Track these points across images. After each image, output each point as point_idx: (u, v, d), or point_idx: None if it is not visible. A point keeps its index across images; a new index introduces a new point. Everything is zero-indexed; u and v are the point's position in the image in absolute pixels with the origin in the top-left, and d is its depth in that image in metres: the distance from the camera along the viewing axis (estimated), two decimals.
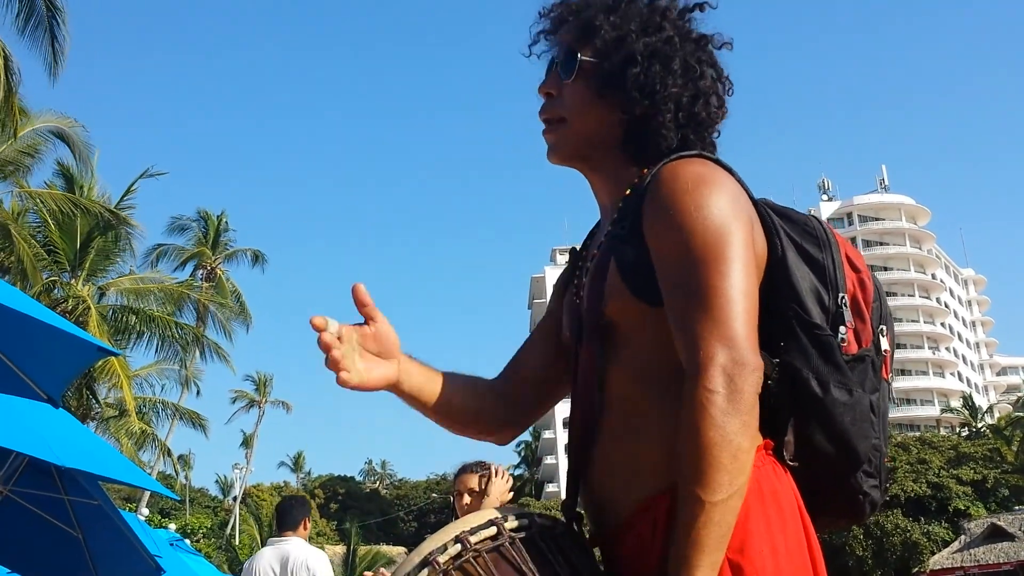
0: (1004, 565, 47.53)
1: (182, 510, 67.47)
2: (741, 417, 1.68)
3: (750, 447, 1.70)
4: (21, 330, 5.17)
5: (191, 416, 35.89)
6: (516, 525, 1.82)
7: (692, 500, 1.66)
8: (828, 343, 1.89)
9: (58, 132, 24.51)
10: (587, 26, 2.08)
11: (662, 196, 1.88)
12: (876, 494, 1.97)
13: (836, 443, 1.88)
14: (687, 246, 1.80)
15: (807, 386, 1.86)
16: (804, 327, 1.89)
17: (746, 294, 1.78)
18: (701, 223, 1.81)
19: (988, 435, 65.36)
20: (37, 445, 4.82)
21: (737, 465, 1.67)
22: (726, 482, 1.65)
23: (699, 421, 1.67)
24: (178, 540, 10.62)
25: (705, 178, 1.88)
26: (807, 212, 2.05)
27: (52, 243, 25.18)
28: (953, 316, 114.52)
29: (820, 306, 1.93)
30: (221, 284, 43.47)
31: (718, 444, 1.66)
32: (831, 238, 2.00)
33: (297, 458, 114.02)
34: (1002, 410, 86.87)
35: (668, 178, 1.90)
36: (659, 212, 1.87)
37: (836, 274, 1.96)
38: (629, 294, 1.91)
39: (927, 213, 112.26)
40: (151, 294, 28.44)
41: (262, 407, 69.27)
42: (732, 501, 1.67)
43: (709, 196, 1.84)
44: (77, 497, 6.15)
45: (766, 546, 1.75)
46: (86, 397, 26.37)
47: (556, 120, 2.12)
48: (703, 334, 1.73)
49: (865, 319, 1.98)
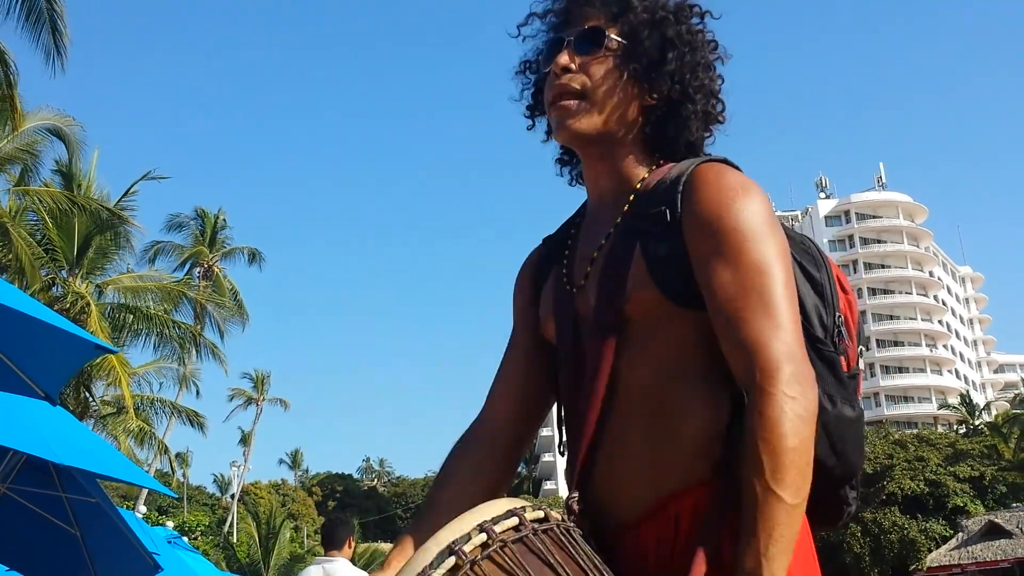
0: (1002, 562, 47.57)
1: (180, 508, 67.48)
2: (812, 426, 1.71)
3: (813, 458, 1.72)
4: (18, 328, 5.16)
5: (189, 414, 35.88)
6: (537, 516, 1.76)
7: (776, 502, 1.65)
8: (833, 359, 1.92)
9: (55, 130, 24.42)
10: (616, 6, 2.04)
11: (709, 199, 1.87)
12: (855, 506, 2.02)
13: (838, 456, 1.90)
14: (742, 252, 1.81)
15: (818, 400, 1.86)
16: (811, 342, 1.89)
17: (795, 304, 1.81)
18: (754, 230, 1.82)
19: (986, 432, 65.41)
20: (35, 443, 4.81)
21: (809, 472, 1.69)
22: (803, 486, 1.68)
23: (782, 424, 1.67)
24: (176, 538, 10.58)
25: (749, 185, 1.89)
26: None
27: (50, 241, 25.13)
28: (951, 314, 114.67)
29: (821, 324, 1.95)
30: (219, 282, 43.47)
31: (798, 449, 1.67)
32: (825, 259, 2.03)
33: (295, 456, 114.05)
34: (999, 407, 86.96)
35: (712, 180, 1.89)
36: (707, 215, 1.85)
37: (833, 293, 1.99)
38: (656, 290, 1.88)
39: (925, 211, 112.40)
40: (148, 292, 28.40)
41: (260, 405, 69.33)
42: (803, 507, 1.69)
43: (758, 204, 1.86)
44: (75, 495, 6.14)
45: (799, 553, 1.76)
46: (84, 395, 26.36)
47: (574, 93, 2.03)
48: (768, 339, 1.74)
49: (854, 339, 2.02)
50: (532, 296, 2.24)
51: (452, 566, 1.64)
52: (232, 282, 44.79)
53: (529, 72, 2.22)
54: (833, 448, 1.89)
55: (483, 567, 1.65)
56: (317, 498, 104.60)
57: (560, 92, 2.04)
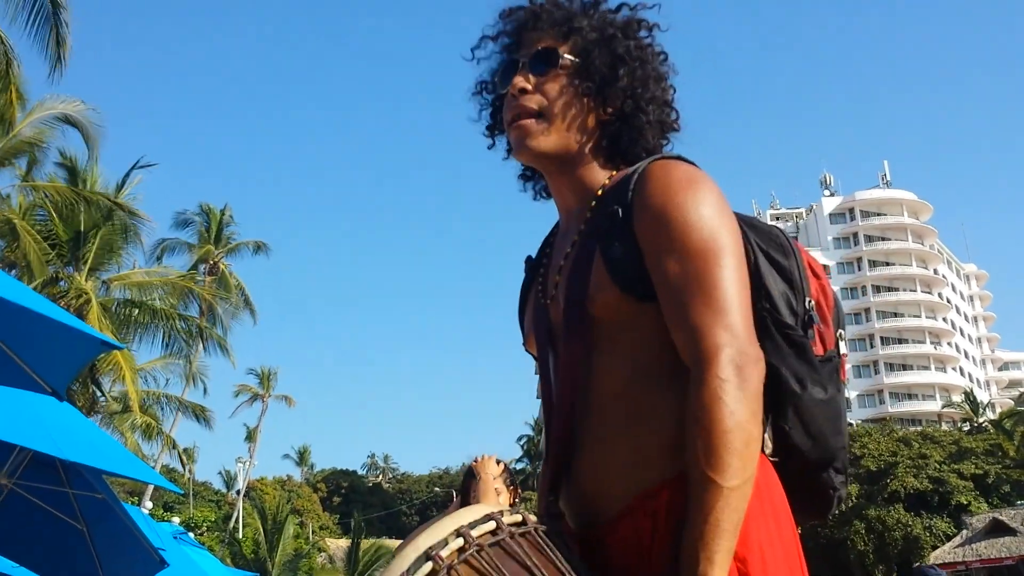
0: (1006, 560, 47.48)
1: (186, 504, 67.54)
2: (751, 405, 1.73)
3: (759, 436, 1.74)
4: (25, 324, 5.18)
5: (195, 409, 35.87)
6: (515, 520, 1.79)
7: (709, 486, 1.69)
8: (802, 343, 1.94)
9: (66, 118, 23.98)
10: (566, 26, 2.09)
11: (656, 193, 1.91)
12: (843, 491, 2.05)
13: (813, 439, 1.94)
14: (686, 241, 1.85)
15: (786, 383, 1.91)
16: (778, 327, 1.93)
17: (743, 288, 1.84)
18: (698, 219, 1.86)
19: (990, 430, 65.29)
20: (41, 439, 4.84)
21: (749, 452, 1.71)
22: (740, 468, 1.69)
23: (713, 408, 1.71)
24: (182, 533, 10.61)
25: (696, 177, 1.93)
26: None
27: (56, 236, 25.08)
28: (955, 311, 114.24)
29: (790, 309, 1.98)
30: (225, 279, 43.48)
31: (732, 431, 1.70)
32: (794, 247, 2.06)
33: (302, 452, 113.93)
34: (1004, 405, 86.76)
35: (660, 175, 1.94)
36: (654, 208, 1.90)
37: (802, 280, 2.01)
38: (618, 289, 1.92)
39: (929, 208, 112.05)
40: (154, 288, 28.39)
41: (265, 401, 69.34)
42: (746, 487, 1.71)
43: (704, 194, 1.90)
44: (81, 491, 6.16)
45: (764, 536, 1.79)
46: (91, 391, 26.39)
47: (532, 113, 2.09)
48: (708, 324, 1.78)
49: (828, 323, 2.05)
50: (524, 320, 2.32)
51: (429, 571, 1.67)
52: (238, 279, 44.82)
53: (486, 92, 2.27)
54: (807, 431, 1.94)
55: (460, 571, 1.68)
56: (322, 494, 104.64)
57: (518, 112, 2.09)
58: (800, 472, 1.97)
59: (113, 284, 27.67)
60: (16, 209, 22.96)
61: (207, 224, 45.11)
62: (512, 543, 1.74)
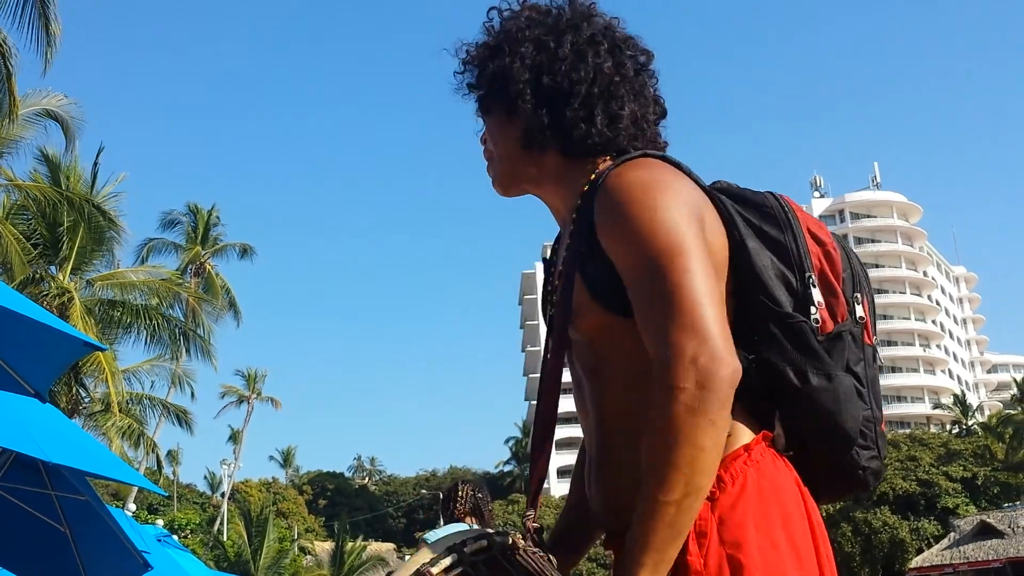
0: (993, 562, 47.72)
1: (170, 506, 67.46)
2: (707, 416, 1.66)
3: (714, 446, 1.68)
4: (7, 325, 5.14)
5: (178, 412, 35.80)
6: (478, 547, 1.80)
7: (647, 498, 1.67)
8: (800, 329, 1.88)
9: (50, 114, 23.64)
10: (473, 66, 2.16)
11: (611, 207, 1.88)
12: (875, 464, 1.97)
13: (825, 429, 1.88)
14: (644, 252, 1.80)
15: (785, 378, 1.86)
16: (774, 318, 1.88)
17: (710, 290, 1.76)
18: (651, 227, 1.81)
19: (978, 432, 65.69)
20: (23, 441, 4.78)
21: (697, 465, 1.66)
22: (681, 482, 1.65)
23: (659, 419, 1.68)
24: (166, 536, 10.55)
25: (648, 182, 1.88)
26: None
27: (39, 235, 24.96)
28: (944, 313, 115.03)
29: (788, 290, 1.91)
30: (211, 280, 43.44)
31: (676, 443, 1.65)
32: (790, 214, 1.97)
33: (287, 454, 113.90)
34: (993, 407, 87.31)
35: (613, 188, 1.90)
36: (611, 224, 1.87)
37: (800, 253, 1.93)
38: (599, 308, 1.91)
39: (919, 210, 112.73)
40: (136, 288, 28.33)
41: (251, 403, 69.23)
42: (688, 501, 1.66)
43: (656, 199, 1.84)
44: (64, 493, 6.12)
45: (766, 540, 1.75)
46: (74, 391, 26.32)
47: (490, 158, 2.20)
48: (670, 331, 1.72)
49: (837, 292, 1.96)
50: None
51: None
52: (224, 280, 44.77)
53: None
54: (815, 423, 1.89)
55: None
56: (308, 496, 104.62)
57: (487, 161, 2.22)
58: (825, 459, 1.93)
59: (97, 284, 27.60)
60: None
61: (194, 224, 45.08)
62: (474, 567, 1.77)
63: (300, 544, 63.01)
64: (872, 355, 1.99)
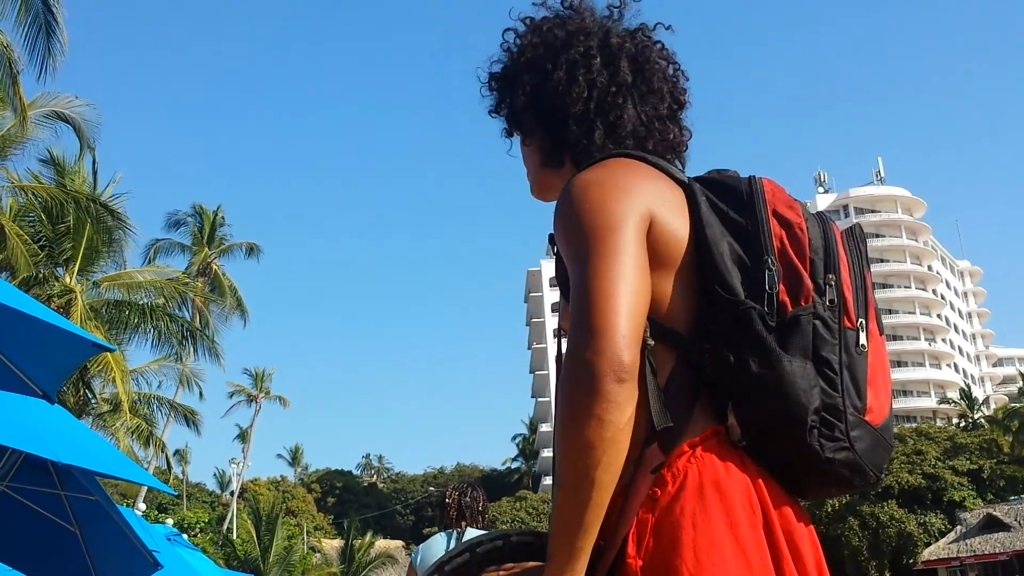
0: (1000, 555, 47.69)
1: (179, 505, 67.46)
2: (591, 411, 1.66)
3: (601, 441, 1.66)
4: (16, 326, 5.16)
5: (185, 412, 35.81)
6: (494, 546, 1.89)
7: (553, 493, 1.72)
8: (747, 315, 1.82)
9: (59, 115, 23.53)
10: (489, 92, 2.27)
11: (557, 207, 1.93)
12: (845, 456, 1.83)
13: (769, 415, 1.82)
14: (570, 249, 1.84)
15: (727, 365, 1.82)
16: (726, 306, 1.84)
17: (620, 289, 1.74)
18: (577, 225, 1.83)
19: (984, 426, 65.50)
20: (33, 441, 4.80)
21: (588, 460, 1.65)
22: (571, 474, 1.67)
23: (557, 413, 1.72)
24: (175, 535, 10.58)
25: (591, 182, 1.90)
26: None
27: (44, 236, 24.88)
28: (949, 307, 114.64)
29: (744, 274, 1.86)
30: (218, 279, 43.43)
31: (563, 437, 1.69)
32: (757, 197, 1.91)
33: (295, 452, 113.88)
34: (998, 401, 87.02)
35: (564, 190, 1.94)
36: (556, 223, 1.92)
37: (759, 235, 1.88)
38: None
39: (923, 205, 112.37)
40: (141, 288, 28.26)
41: (259, 402, 69.17)
42: (581, 494, 1.67)
43: (591, 199, 1.85)
44: (74, 493, 6.14)
45: (704, 539, 1.72)
46: (83, 392, 26.30)
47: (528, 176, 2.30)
48: (572, 329, 1.73)
49: (800, 274, 1.86)
50: None
51: None
52: (231, 279, 44.76)
53: None
54: (765, 409, 1.82)
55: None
56: (316, 495, 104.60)
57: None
58: (783, 447, 1.85)
59: (104, 284, 27.58)
60: (5, 211, 22.82)
61: (200, 225, 45.06)
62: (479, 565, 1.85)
63: (309, 542, 62.97)
64: (854, 339, 1.88)
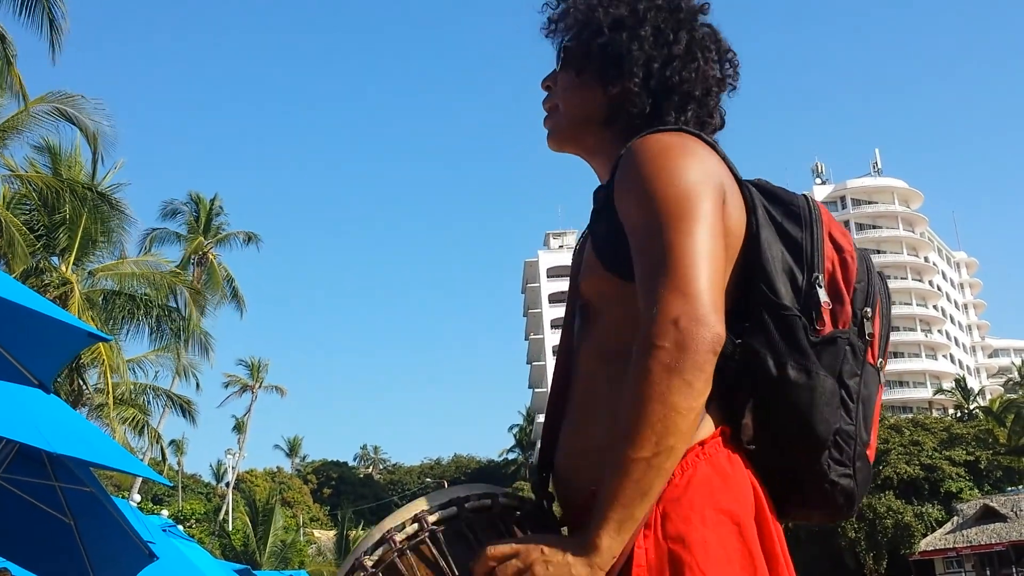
0: (996, 546, 47.85)
1: (175, 496, 67.53)
2: (684, 376, 1.62)
3: (688, 408, 1.62)
4: (11, 316, 5.13)
5: (181, 402, 35.77)
6: (481, 505, 1.81)
7: (616, 453, 1.63)
8: (792, 323, 1.82)
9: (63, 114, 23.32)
10: (566, 12, 2.16)
11: (629, 166, 1.86)
12: (847, 483, 1.87)
13: (793, 424, 1.81)
14: (651, 210, 1.78)
15: (763, 365, 1.80)
16: (769, 307, 1.83)
17: (711, 255, 1.73)
18: (663, 187, 1.79)
19: (980, 417, 65.69)
20: (28, 431, 4.77)
21: (669, 425, 1.61)
22: (652, 439, 1.61)
23: (636, 374, 1.64)
24: (171, 526, 10.59)
25: (671, 145, 1.87)
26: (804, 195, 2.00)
27: (41, 226, 24.84)
28: (945, 299, 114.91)
29: (792, 285, 1.87)
30: (213, 269, 43.39)
31: (650, 400, 1.61)
32: (815, 216, 1.94)
33: (293, 443, 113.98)
34: (994, 392, 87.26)
35: (636, 148, 1.88)
36: (626, 182, 1.86)
37: (814, 253, 1.89)
38: (603, 269, 1.90)
39: (920, 196, 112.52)
40: (135, 278, 28.21)
41: (255, 392, 69.27)
42: (657, 460, 1.62)
43: (675, 160, 1.82)
44: (69, 484, 6.12)
45: (712, 535, 1.70)
46: (78, 383, 26.30)
47: (552, 109, 2.21)
48: (660, 290, 1.68)
49: (844, 299, 1.90)
50: None
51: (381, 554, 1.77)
52: (227, 269, 44.70)
53: None
54: (786, 416, 1.82)
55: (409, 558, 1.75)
56: (312, 486, 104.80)
57: (544, 110, 2.25)
58: (791, 460, 1.85)
59: (99, 274, 27.54)
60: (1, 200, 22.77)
61: (196, 214, 44.99)
62: (430, 544, 1.77)
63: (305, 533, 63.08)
64: (874, 376, 1.93)
